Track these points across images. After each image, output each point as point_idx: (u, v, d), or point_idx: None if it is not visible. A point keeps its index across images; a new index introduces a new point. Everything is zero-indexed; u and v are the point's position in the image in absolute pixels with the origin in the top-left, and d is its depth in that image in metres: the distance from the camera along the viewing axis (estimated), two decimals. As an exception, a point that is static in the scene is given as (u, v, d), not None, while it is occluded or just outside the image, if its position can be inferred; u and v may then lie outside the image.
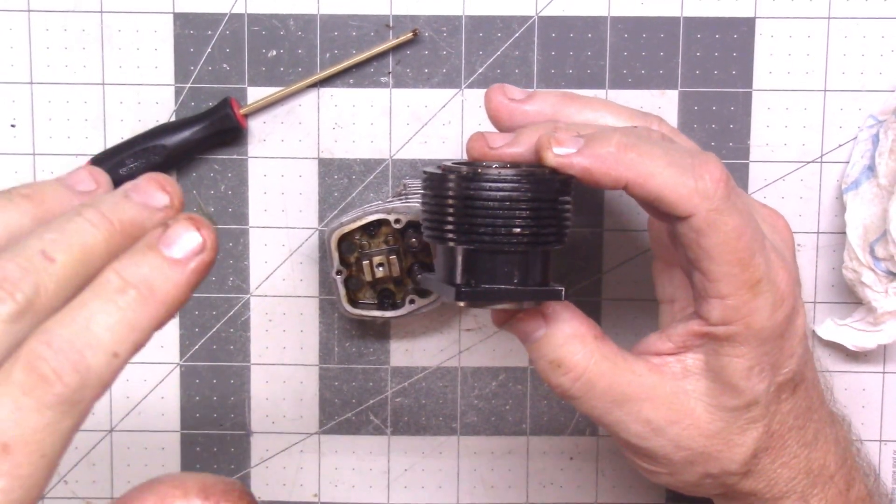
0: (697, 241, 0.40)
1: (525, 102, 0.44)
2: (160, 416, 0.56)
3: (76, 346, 0.28)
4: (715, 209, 0.39)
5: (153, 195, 0.31)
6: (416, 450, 0.56)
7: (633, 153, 0.40)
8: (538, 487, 0.56)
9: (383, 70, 0.54)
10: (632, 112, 0.45)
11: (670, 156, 0.40)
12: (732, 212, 0.39)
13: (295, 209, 0.54)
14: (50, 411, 0.27)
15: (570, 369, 0.42)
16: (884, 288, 0.52)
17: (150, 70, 0.53)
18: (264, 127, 0.54)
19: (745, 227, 0.40)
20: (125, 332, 0.29)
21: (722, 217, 0.39)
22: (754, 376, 0.41)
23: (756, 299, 0.40)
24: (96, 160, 0.53)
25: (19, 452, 0.27)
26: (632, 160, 0.39)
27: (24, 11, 0.53)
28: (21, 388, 0.27)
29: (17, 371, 0.27)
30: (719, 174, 0.39)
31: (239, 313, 0.55)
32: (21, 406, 0.27)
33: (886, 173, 0.52)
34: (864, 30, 0.53)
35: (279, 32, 0.53)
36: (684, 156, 0.40)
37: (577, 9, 0.53)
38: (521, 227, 0.39)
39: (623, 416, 0.42)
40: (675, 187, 0.39)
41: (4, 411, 0.27)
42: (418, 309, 0.52)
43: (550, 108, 0.44)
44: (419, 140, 0.54)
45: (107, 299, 0.29)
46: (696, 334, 0.42)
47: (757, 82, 0.53)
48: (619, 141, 0.40)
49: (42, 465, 0.28)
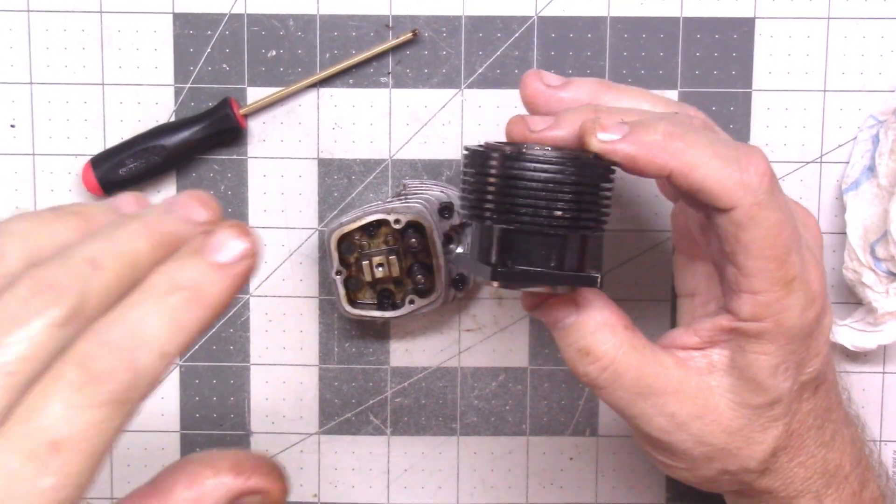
0: (736, 235, 0.39)
1: (562, 89, 0.43)
2: (160, 417, 0.56)
3: (127, 345, 0.28)
4: (758, 203, 0.39)
5: (194, 210, 0.32)
6: (415, 450, 0.56)
7: (680, 142, 0.39)
8: (538, 488, 0.56)
9: (383, 70, 0.54)
10: (669, 101, 0.44)
11: (716, 146, 0.39)
12: (774, 207, 0.39)
13: (295, 209, 0.54)
14: (101, 409, 0.28)
15: (598, 358, 0.41)
16: (884, 288, 0.52)
17: (150, 70, 0.53)
18: (264, 127, 0.54)
19: (785, 223, 0.39)
20: (174, 332, 0.29)
21: (764, 212, 0.39)
22: (780, 374, 0.41)
23: (789, 297, 0.40)
24: (96, 160, 0.53)
25: (70, 450, 0.27)
26: (677, 149, 0.39)
27: (23, 11, 0.53)
28: (72, 387, 0.27)
29: (69, 370, 0.28)
30: (764, 168, 0.39)
31: (239, 313, 0.55)
32: (72, 404, 0.27)
33: (887, 173, 0.52)
34: (863, 30, 0.53)
35: (279, 32, 0.53)
36: (729, 147, 0.39)
37: (576, 9, 0.53)
38: (562, 210, 0.39)
39: (647, 409, 0.42)
40: (719, 179, 0.39)
41: (56, 409, 0.27)
42: (418, 309, 0.52)
43: (587, 96, 0.43)
44: (419, 140, 0.54)
45: (156, 301, 0.29)
46: (725, 329, 0.41)
47: (756, 82, 0.53)
48: (665, 129, 0.39)
49: (91, 464, 0.28)
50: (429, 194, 0.52)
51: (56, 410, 0.27)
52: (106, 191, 0.53)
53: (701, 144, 0.39)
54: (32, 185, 0.54)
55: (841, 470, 0.45)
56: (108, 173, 0.52)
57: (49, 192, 0.54)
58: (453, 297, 0.53)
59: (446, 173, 0.54)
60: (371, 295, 0.52)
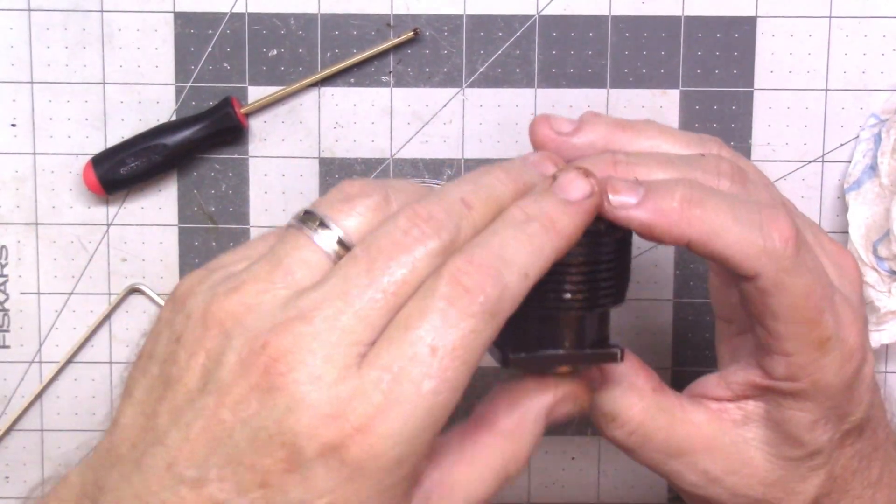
0: (763, 301, 0.37)
1: (574, 135, 0.41)
2: (161, 416, 0.55)
3: (494, 263, 0.32)
4: (783, 269, 0.36)
5: (546, 166, 0.37)
6: (417, 450, 0.56)
7: (698, 209, 0.36)
8: (540, 487, 0.56)
9: (384, 69, 0.54)
10: (689, 138, 0.41)
11: (737, 210, 0.37)
12: (802, 271, 0.37)
13: (296, 208, 0.54)
14: (472, 320, 0.31)
15: (625, 423, 0.40)
16: (887, 287, 0.52)
17: (151, 69, 0.53)
18: (265, 126, 0.54)
19: (814, 285, 0.37)
20: (533, 256, 0.33)
21: (790, 277, 0.36)
22: (818, 428, 0.39)
23: (824, 358, 0.38)
24: (97, 159, 0.53)
25: (446, 357, 0.31)
26: (696, 217, 0.36)
27: (24, 10, 0.53)
28: (446, 299, 0.31)
29: (443, 285, 0.31)
30: (789, 231, 0.36)
31: (240, 313, 0.55)
32: (448, 315, 0.31)
33: (889, 173, 0.52)
34: (865, 29, 0.53)
35: (280, 31, 0.53)
36: (752, 210, 0.37)
37: (578, 8, 0.53)
38: (571, 293, 0.36)
39: (680, 468, 0.40)
40: (741, 247, 0.36)
41: (434, 319, 0.31)
42: (419, 308, 0.51)
43: (602, 140, 0.41)
44: (420, 139, 0.54)
45: (516, 228, 0.33)
46: (758, 386, 0.39)
47: (758, 81, 0.53)
48: (683, 194, 0.36)
49: (464, 371, 0.31)
50: (430, 193, 0.52)
51: (434, 320, 0.31)
52: (107, 190, 0.53)
53: (721, 210, 0.36)
54: (33, 184, 0.54)
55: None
56: (108, 172, 0.52)
57: (50, 191, 0.54)
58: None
59: (448, 172, 0.54)
60: (372, 294, 0.52)
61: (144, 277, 0.55)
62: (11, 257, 0.54)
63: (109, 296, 0.55)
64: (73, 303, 0.55)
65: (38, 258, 0.54)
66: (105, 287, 0.55)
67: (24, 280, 0.55)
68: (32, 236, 0.54)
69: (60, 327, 0.55)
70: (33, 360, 0.55)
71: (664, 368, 0.55)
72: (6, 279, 0.55)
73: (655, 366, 0.42)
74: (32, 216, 0.54)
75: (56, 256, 0.54)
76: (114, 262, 0.55)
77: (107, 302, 0.55)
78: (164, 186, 0.54)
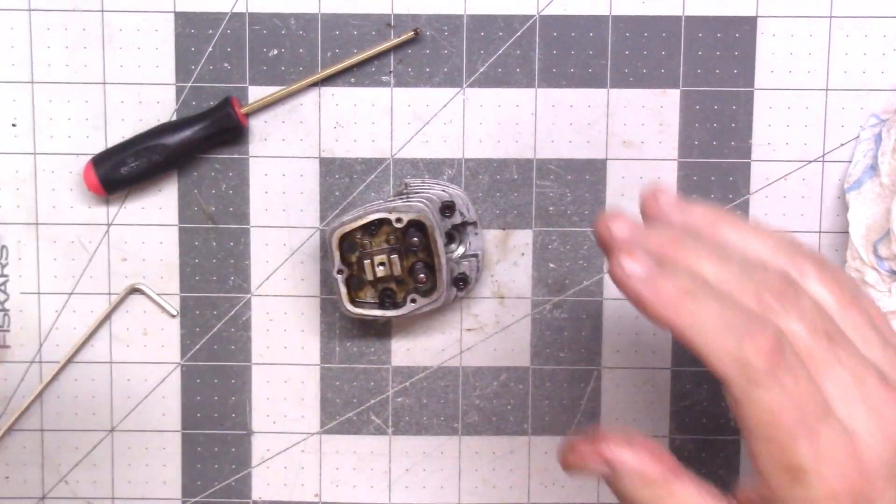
0: (737, 410, 0.37)
1: (676, 213, 0.41)
2: (161, 416, 0.55)
3: None
4: (753, 381, 0.36)
5: None
6: (417, 450, 0.56)
7: (689, 301, 0.37)
8: (540, 488, 0.56)
9: (384, 69, 0.54)
10: (780, 245, 0.41)
11: (726, 314, 0.37)
12: (773, 388, 0.36)
13: (296, 208, 0.54)
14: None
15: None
16: (887, 287, 0.52)
17: (152, 69, 0.53)
18: (265, 126, 0.54)
19: (787, 406, 0.36)
20: None
21: (760, 391, 0.36)
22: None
23: (795, 489, 0.37)
24: (97, 159, 0.53)
25: None
26: (683, 308, 0.37)
27: (25, 10, 0.53)
28: None
29: None
30: (768, 347, 0.36)
31: (240, 313, 0.55)
32: None
33: (889, 172, 0.52)
34: (865, 28, 0.53)
35: (280, 31, 0.53)
36: (741, 317, 0.37)
37: (578, 8, 0.53)
38: None
39: None
40: (713, 350, 0.37)
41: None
42: (419, 308, 0.52)
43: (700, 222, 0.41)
44: (420, 139, 0.54)
45: None
46: (750, 500, 0.39)
47: (759, 81, 0.53)
48: (684, 285, 0.37)
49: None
50: (430, 193, 0.52)
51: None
52: (107, 190, 0.53)
53: (711, 308, 0.37)
54: (34, 184, 0.54)
55: None
56: (109, 172, 0.52)
57: (50, 191, 0.54)
58: (455, 296, 0.53)
59: (448, 172, 0.54)
60: (372, 294, 0.52)
61: (144, 277, 0.55)
62: (12, 257, 0.54)
63: (109, 296, 0.55)
64: (74, 303, 0.55)
65: (39, 258, 0.54)
66: (105, 287, 0.55)
67: (25, 280, 0.55)
68: (33, 236, 0.54)
69: (60, 327, 0.55)
70: (33, 360, 0.55)
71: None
72: (6, 279, 0.55)
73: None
74: (33, 216, 0.54)
75: (56, 256, 0.54)
76: (114, 262, 0.55)
77: (107, 302, 0.55)
78: (165, 186, 0.54)
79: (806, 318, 0.39)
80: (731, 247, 0.40)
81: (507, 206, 0.54)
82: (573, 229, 0.54)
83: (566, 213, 0.54)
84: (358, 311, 0.52)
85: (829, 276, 0.40)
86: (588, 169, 0.54)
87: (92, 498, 0.56)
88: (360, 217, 0.51)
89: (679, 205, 0.41)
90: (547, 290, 0.55)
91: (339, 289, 0.51)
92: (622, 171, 0.54)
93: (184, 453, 0.56)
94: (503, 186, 0.54)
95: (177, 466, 0.56)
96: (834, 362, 0.38)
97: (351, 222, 0.51)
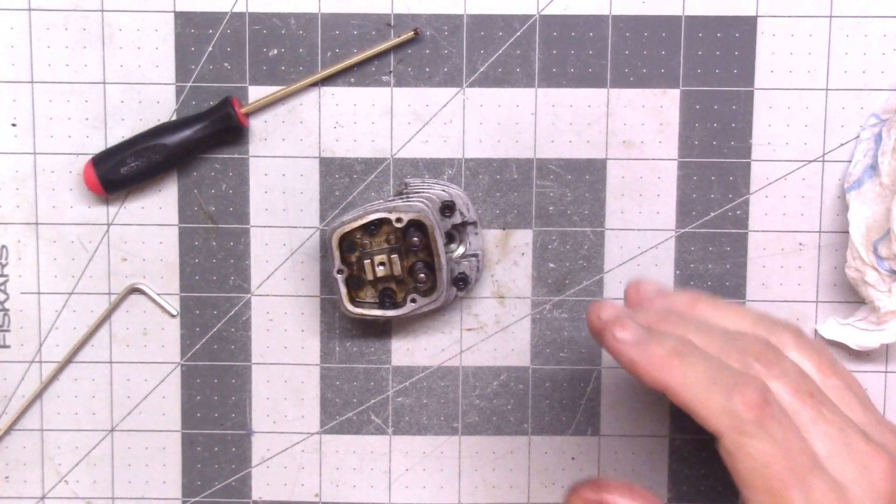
0: (729, 463, 0.39)
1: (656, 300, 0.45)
2: (161, 416, 0.55)
3: None
4: (743, 432, 0.39)
5: None
6: (417, 450, 0.56)
7: (678, 361, 0.40)
8: (540, 487, 0.56)
9: (384, 69, 0.54)
10: (759, 320, 0.44)
11: (715, 371, 0.40)
12: (763, 437, 0.39)
13: (296, 208, 0.54)
14: None
15: None
16: (887, 287, 0.52)
17: (151, 69, 0.53)
18: (265, 126, 0.54)
19: (777, 456, 0.39)
20: None
21: (751, 441, 0.39)
22: None
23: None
24: (97, 159, 0.53)
25: None
26: (673, 367, 0.40)
27: (25, 10, 0.53)
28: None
29: None
30: (755, 399, 0.39)
31: (240, 313, 0.55)
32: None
33: (889, 172, 0.52)
34: (865, 28, 0.53)
35: (280, 31, 0.53)
36: (729, 375, 0.40)
37: (578, 7, 0.53)
38: None
39: None
40: (705, 404, 0.39)
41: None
42: (419, 308, 0.52)
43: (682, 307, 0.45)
44: (420, 139, 0.54)
45: None
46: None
47: (759, 81, 0.53)
48: (673, 346, 0.40)
49: None
50: (430, 193, 0.52)
51: None
52: (107, 190, 0.53)
53: (698, 367, 0.40)
54: (34, 183, 0.54)
55: None
56: (109, 172, 0.52)
57: (50, 191, 0.54)
58: (455, 296, 0.53)
59: (448, 172, 0.54)
60: (372, 294, 0.52)
61: (144, 277, 0.55)
62: (11, 257, 0.54)
63: (109, 296, 0.55)
64: (73, 303, 0.55)
65: (39, 258, 0.54)
66: (105, 287, 0.55)
67: (25, 280, 0.55)
68: (33, 236, 0.54)
69: (60, 327, 0.55)
70: (33, 360, 0.55)
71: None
72: (6, 279, 0.55)
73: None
74: (33, 216, 0.54)
75: (56, 256, 0.54)
76: (114, 261, 0.55)
77: (107, 302, 0.55)
78: (164, 186, 0.54)
79: (788, 379, 0.42)
80: (712, 322, 0.43)
81: (507, 205, 0.54)
82: (573, 229, 0.54)
83: (566, 212, 0.54)
84: (358, 311, 0.52)
85: (807, 346, 0.43)
86: (588, 169, 0.54)
87: (92, 498, 0.56)
88: (360, 217, 0.51)
89: (661, 291, 0.45)
90: (547, 290, 0.55)
91: (339, 289, 0.51)
92: (622, 171, 0.54)
93: (184, 453, 0.56)
94: (503, 186, 0.54)
95: (176, 466, 0.56)
96: (819, 419, 0.40)
97: (351, 222, 0.51)
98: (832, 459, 0.40)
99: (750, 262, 0.54)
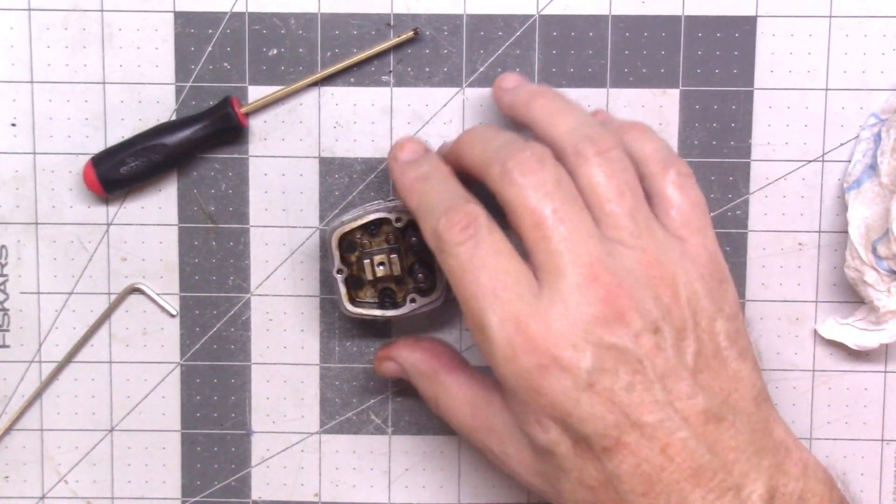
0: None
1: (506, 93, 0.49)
2: (160, 416, 0.55)
3: None
4: (440, 251, 0.43)
5: None
6: (417, 449, 0.56)
7: (420, 185, 0.45)
8: (539, 487, 0.56)
9: (384, 69, 0.54)
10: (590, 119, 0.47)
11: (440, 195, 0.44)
12: (452, 256, 0.42)
13: (296, 208, 0.54)
14: None
15: None
16: (886, 287, 0.52)
17: (151, 69, 0.53)
18: (265, 126, 0.54)
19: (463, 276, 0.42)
20: None
21: (447, 259, 0.42)
22: (533, 425, 0.42)
23: (483, 343, 0.42)
24: (97, 159, 0.53)
25: None
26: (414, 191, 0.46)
27: (24, 10, 0.53)
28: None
29: None
30: (457, 220, 0.42)
31: (239, 313, 0.55)
32: None
33: (888, 172, 0.52)
34: (865, 28, 0.53)
35: (280, 31, 0.53)
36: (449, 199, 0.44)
37: (578, 7, 0.53)
38: None
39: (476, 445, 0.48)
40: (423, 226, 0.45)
41: None
42: (419, 308, 0.52)
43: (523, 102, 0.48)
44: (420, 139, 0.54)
45: None
46: None
47: (758, 81, 0.53)
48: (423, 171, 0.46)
49: None
50: (430, 193, 0.52)
51: None
52: (107, 189, 0.53)
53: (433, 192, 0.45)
54: (33, 183, 0.54)
55: None
56: (109, 172, 0.52)
57: (50, 190, 0.54)
58: (455, 295, 0.53)
59: (448, 172, 0.54)
60: (372, 294, 0.52)
61: (144, 277, 0.55)
62: (11, 257, 0.54)
63: (109, 295, 0.55)
64: (73, 302, 0.55)
65: (38, 258, 0.54)
66: (105, 287, 0.55)
67: (24, 280, 0.55)
68: (32, 236, 0.54)
69: (60, 327, 0.55)
70: (33, 360, 0.55)
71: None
72: (6, 279, 0.55)
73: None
74: (32, 216, 0.54)
75: (56, 256, 0.54)
76: (114, 261, 0.55)
77: (107, 302, 0.55)
78: (164, 186, 0.54)
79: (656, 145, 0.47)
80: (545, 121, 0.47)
81: (507, 205, 0.54)
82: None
83: (566, 212, 0.54)
84: (358, 311, 0.52)
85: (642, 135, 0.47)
86: (588, 169, 0.54)
87: (92, 498, 0.56)
88: (359, 217, 0.51)
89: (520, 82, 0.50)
90: (547, 290, 0.55)
91: (338, 289, 0.51)
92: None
93: (183, 453, 0.56)
94: (503, 186, 0.54)
95: (176, 466, 0.56)
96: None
97: (351, 222, 0.51)
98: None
99: (749, 262, 0.54)
